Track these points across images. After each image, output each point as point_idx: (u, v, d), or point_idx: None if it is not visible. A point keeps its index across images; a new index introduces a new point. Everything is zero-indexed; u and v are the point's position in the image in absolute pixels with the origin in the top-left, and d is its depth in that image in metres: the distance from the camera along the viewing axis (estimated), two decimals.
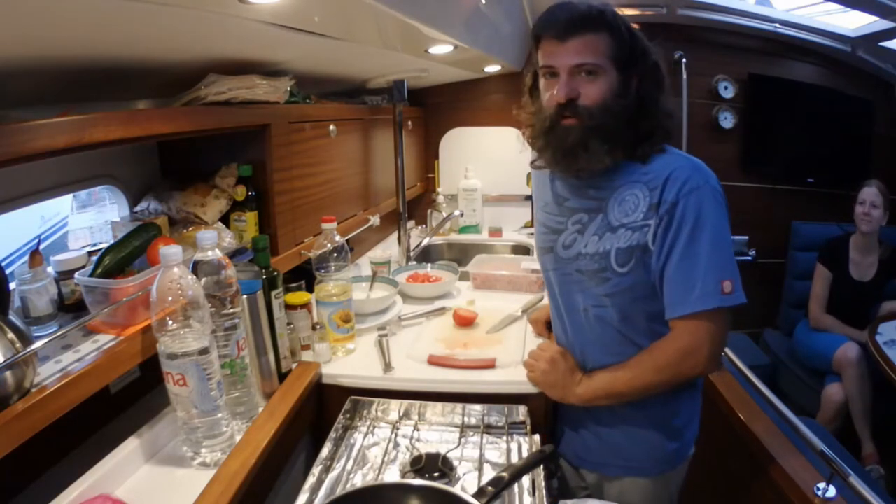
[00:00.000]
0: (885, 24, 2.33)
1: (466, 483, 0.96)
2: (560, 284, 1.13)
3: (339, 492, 0.92)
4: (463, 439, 1.08)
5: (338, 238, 1.30)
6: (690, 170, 0.98)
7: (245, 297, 1.08)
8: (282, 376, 1.20)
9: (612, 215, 1.02)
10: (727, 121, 2.76)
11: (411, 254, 2.14)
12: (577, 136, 0.98)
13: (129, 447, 0.94)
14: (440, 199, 2.67)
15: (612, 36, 0.97)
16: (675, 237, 0.96)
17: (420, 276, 1.85)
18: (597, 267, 1.04)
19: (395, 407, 1.15)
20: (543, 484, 0.93)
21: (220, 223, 1.25)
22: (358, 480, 0.97)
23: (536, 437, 1.08)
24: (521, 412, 1.11)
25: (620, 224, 1.01)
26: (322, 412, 1.25)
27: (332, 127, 1.61)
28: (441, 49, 1.58)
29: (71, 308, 1.00)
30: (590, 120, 0.97)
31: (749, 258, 2.78)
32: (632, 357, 1.04)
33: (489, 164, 2.69)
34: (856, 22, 2.57)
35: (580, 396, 1.08)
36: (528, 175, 2.71)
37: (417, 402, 1.14)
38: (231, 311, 1.01)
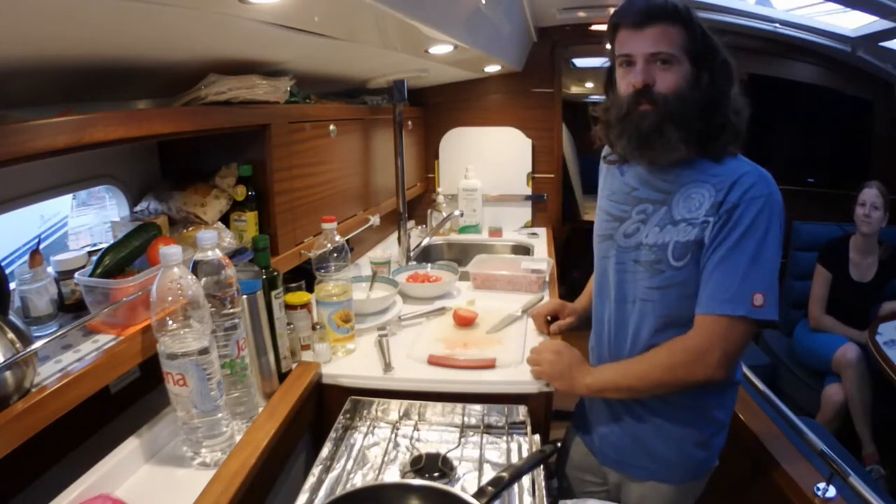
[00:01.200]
0: (885, 24, 2.33)
1: (466, 483, 0.96)
2: (614, 273, 1.12)
3: (339, 492, 0.92)
4: (463, 439, 1.08)
5: (338, 238, 1.30)
6: (758, 177, 0.99)
7: (245, 297, 1.08)
8: (282, 376, 1.20)
9: (675, 209, 1.03)
10: None
11: (411, 254, 2.14)
12: (652, 121, 0.99)
13: (129, 447, 0.94)
14: (440, 199, 2.67)
15: (686, 29, 0.99)
16: (725, 236, 0.97)
17: (420, 276, 1.85)
18: (654, 258, 1.04)
19: (395, 407, 1.15)
20: (543, 484, 0.93)
21: (220, 223, 1.25)
22: (358, 480, 0.98)
23: (536, 437, 1.08)
24: (521, 412, 1.11)
25: (682, 219, 1.02)
26: (322, 412, 1.25)
27: (332, 127, 1.61)
28: (441, 49, 1.58)
29: (71, 308, 1.00)
30: (665, 106, 0.99)
31: None
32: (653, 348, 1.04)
33: (489, 164, 2.70)
34: (856, 22, 2.57)
35: (589, 386, 1.09)
36: (528, 175, 2.72)
37: (417, 402, 1.14)
38: (231, 311, 1.01)
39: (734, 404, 1.14)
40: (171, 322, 0.89)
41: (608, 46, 1.07)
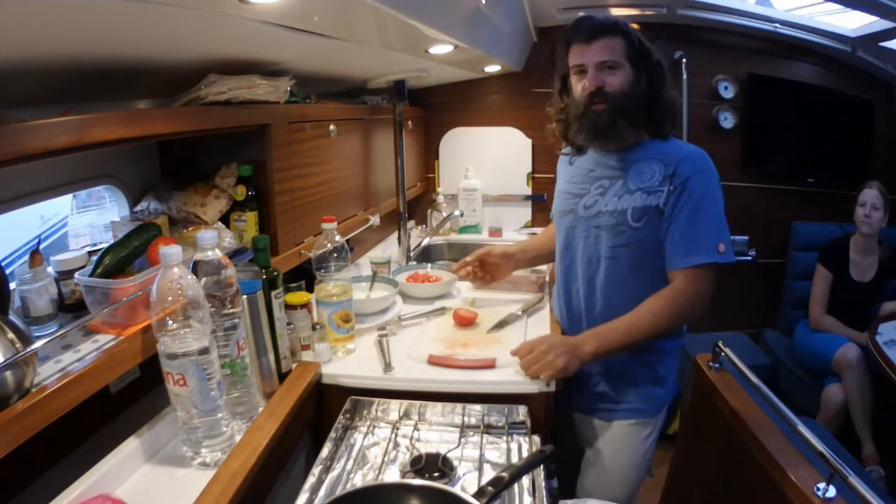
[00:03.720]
0: (885, 24, 2.33)
1: (466, 483, 0.96)
2: (578, 239, 1.34)
3: (339, 492, 0.92)
4: (463, 439, 1.08)
5: (338, 238, 1.30)
6: (700, 156, 1.26)
7: (245, 297, 1.08)
8: (282, 376, 1.20)
9: (630, 181, 1.26)
10: (727, 121, 2.75)
11: (411, 254, 2.14)
12: (606, 117, 1.23)
13: (129, 447, 0.94)
14: (440, 199, 2.67)
15: (626, 40, 1.23)
16: (684, 204, 1.20)
17: (420, 276, 1.85)
18: (614, 222, 1.27)
19: (395, 407, 1.15)
20: (543, 484, 0.93)
21: (220, 223, 1.25)
22: (358, 480, 0.98)
23: (536, 437, 1.08)
24: (521, 412, 1.11)
25: (637, 188, 1.25)
26: (322, 412, 1.25)
27: (332, 127, 1.61)
28: (441, 49, 1.58)
29: (71, 308, 1.00)
30: (615, 103, 1.23)
31: (749, 258, 2.78)
32: (641, 305, 1.22)
33: (489, 164, 2.69)
34: (856, 22, 2.57)
35: (595, 353, 1.20)
36: (528, 175, 2.72)
37: (417, 402, 1.14)
38: (231, 311, 1.01)
39: (680, 345, 1.41)
40: (171, 322, 0.89)
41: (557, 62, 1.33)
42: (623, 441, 1.36)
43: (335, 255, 1.29)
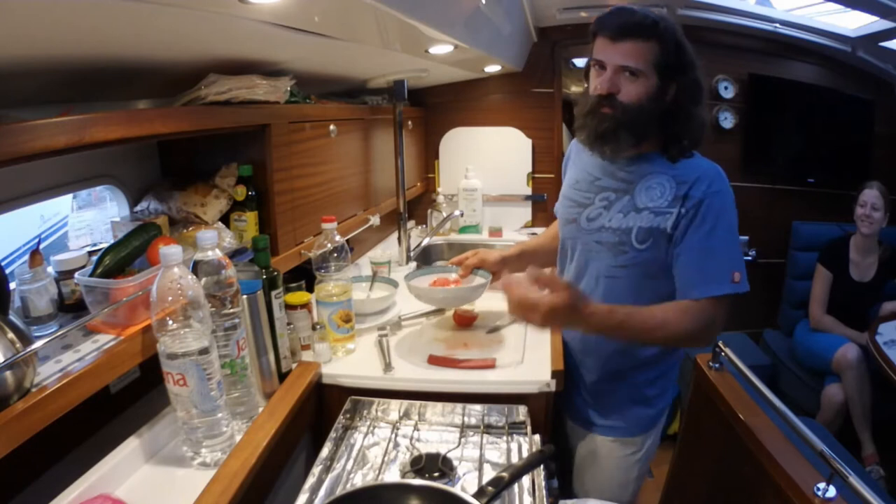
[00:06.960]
0: (885, 24, 2.33)
1: (466, 483, 0.96)
2: (578, 253, 1.28)
3: (339, 492, 0.92)
4: (463, 439, 1.08)
5: (338, 238, 1.30)
6: (715, 174, 1.14)
7: (245, 297, 1.08)
8: (282, 376, 1.20)
9: (638, 198, 1.17)
10: (727, 121, 2.75)
11: (411, 254, 2.14)
12: (610, 124, 1.12)
13: (129, 447, 0.94)
14: (440, 199, 2.67)
15: (660, 45, 1.08)
16: (696, 229, 1.11)
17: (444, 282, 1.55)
18: (617, 240, 1.18)
19: (395, 407, 1.15)
20: (543, 484, 0.93)
21: (220, 223, 1.25)
22: (358, 480, 0.98)
23: (536, 437, 1.08)
24: (521, 412, 1.11)
25: (645, 207, 1.15)
26: (322, 412, 1.25)
27: (332, 127, 1.61)
28: (441, 49, 1.58)
29: (71, 308, 1.00)
30: (623, 114, 1.10)
31: (749, 258, 2.78)
32: (656, 309, 1.13)
33: (489, 164, 2.69)
34: (856, 22, 2.57)
35: (592, 331, 1.14)
36: (528, 175, 2.72)
37: (417, 402, 1.14)
38: (231, 311, 1.01)
39: (677, 369, 1.37)
40: (171, 322, 0.89)
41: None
42: (606, 458, 1.33)
43: (335, 255, 1.29)
